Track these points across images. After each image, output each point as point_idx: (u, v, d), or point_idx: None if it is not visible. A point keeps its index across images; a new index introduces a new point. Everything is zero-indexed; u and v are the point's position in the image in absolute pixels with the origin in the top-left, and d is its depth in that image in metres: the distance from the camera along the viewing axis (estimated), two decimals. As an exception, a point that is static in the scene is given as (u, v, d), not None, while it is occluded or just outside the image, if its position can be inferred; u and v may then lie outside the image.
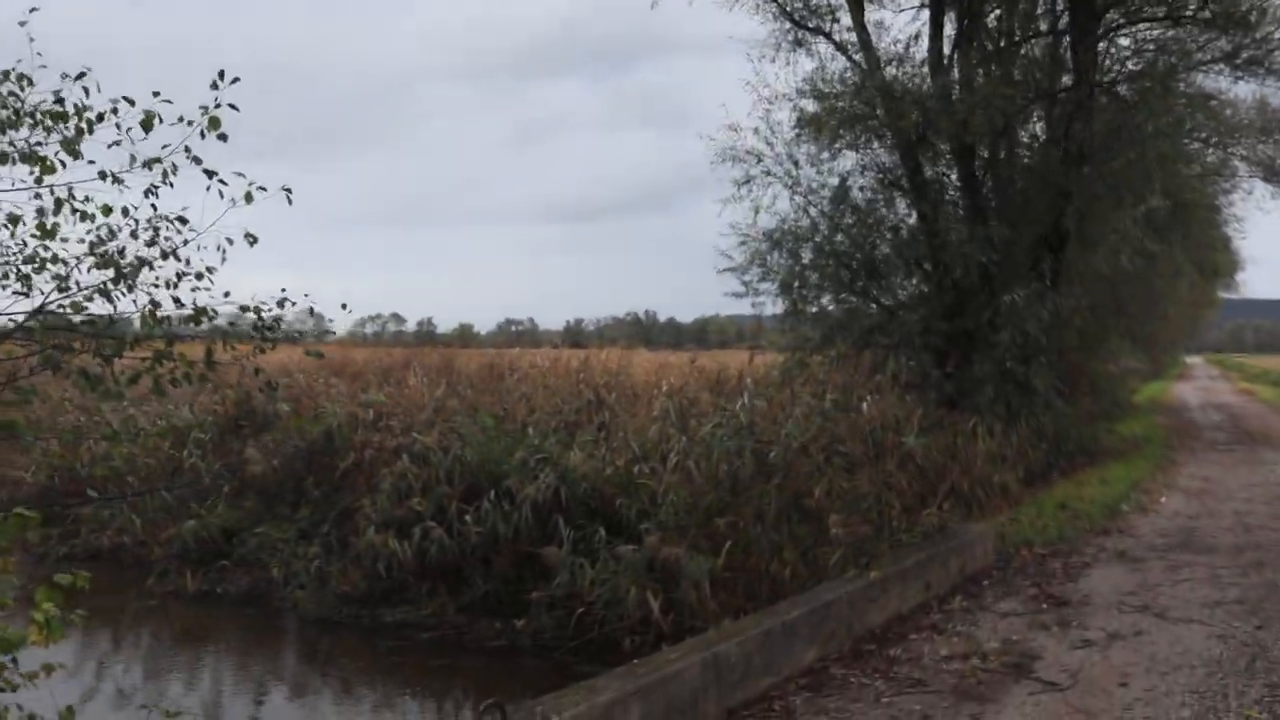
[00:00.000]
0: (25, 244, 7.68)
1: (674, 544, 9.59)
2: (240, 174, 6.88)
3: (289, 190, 7.24)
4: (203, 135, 6.83)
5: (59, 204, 7.21)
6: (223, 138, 6.84)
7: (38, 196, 7.03)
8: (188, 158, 6.91)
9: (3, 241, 7.79)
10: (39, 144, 6.79)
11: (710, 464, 10.42)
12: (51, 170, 6.92)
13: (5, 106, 6.60)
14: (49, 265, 7.23)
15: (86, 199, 7.23)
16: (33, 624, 4.79)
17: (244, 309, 7.29)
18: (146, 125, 6.74)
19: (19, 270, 7.56)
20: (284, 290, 7.49)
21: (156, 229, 7.36)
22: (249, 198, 7.09)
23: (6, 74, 6.45)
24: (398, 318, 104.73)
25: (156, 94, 6.83)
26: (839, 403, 11.98)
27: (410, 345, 38.13)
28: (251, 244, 7.47)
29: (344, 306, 7.43)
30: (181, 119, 6.66)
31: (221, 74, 6.65)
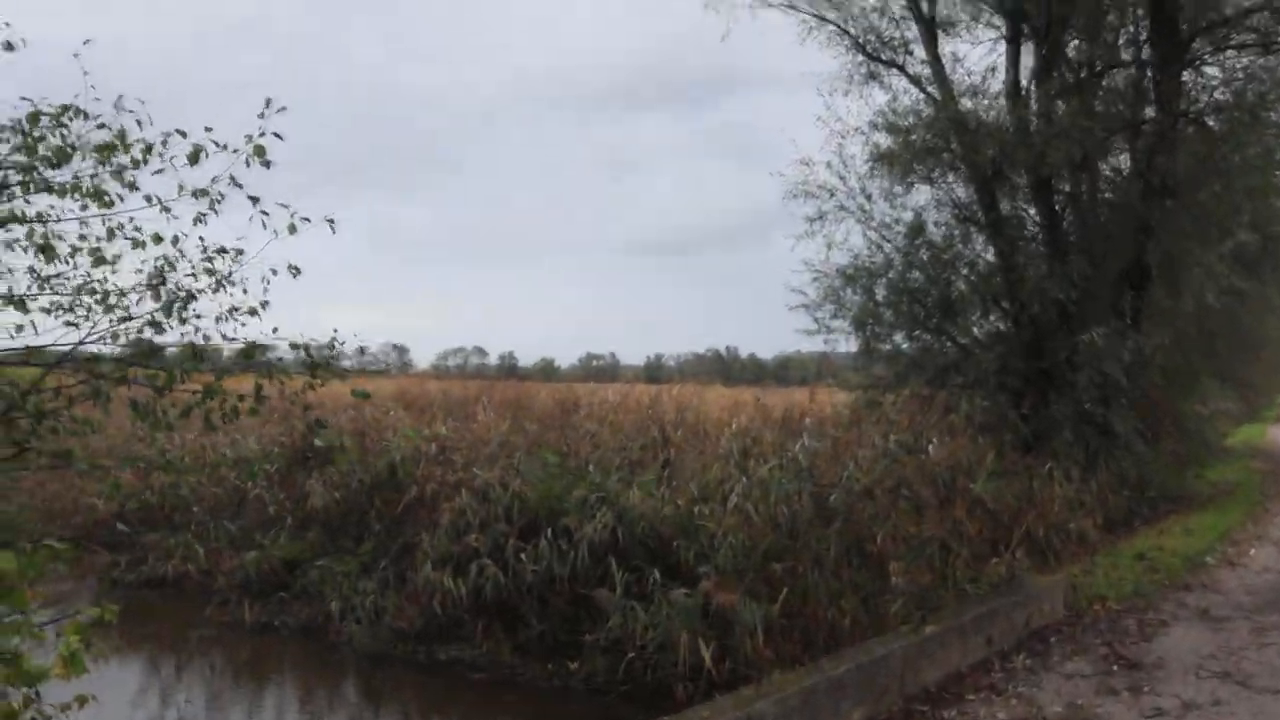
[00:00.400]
0: (82, 273, 7.78)
1: (729, 589, 9.30)
2: (284, 205, 6.88)
3: (332, 221, 7.21)
4: (248, 163, 6.84)
5: (111, 233, 7.27)
6: (266, 164, 6.83)
7: (84, 225, 7.09)
8: (233, 186, 6.90)
9: (60, 272, 7.89)
10: (93, 175, 6.84)
11: (768, 506, 10.14)
12: (110, 204, 6.98)
13: (61, 139, 6.64)
14: (102, 296, 7.28)
15: (137, 228, 7.28)
16: (58, 657, 4.72)
17: (294, 346, 7.26)
18: (193, 158, 6.78)
19: (71, 300, 7.62)
20: (335, 330, 7.49)
21: (211, 259, 7.38)
22: (292, 229, 7.07)
23: (65, 109, 6.50)
24: (480, 351, 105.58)
25: (209, 129, 6.83)
26: (905, 444, 11.62)
27: (491, 379, 38.50)
28: (295, 275, 7.45)
29: (390, 344, 7.42)
30: (232, 149, 6.69)
31: (268, 102, 6.66)
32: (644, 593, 10.15)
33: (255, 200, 6.92)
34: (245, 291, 7.48)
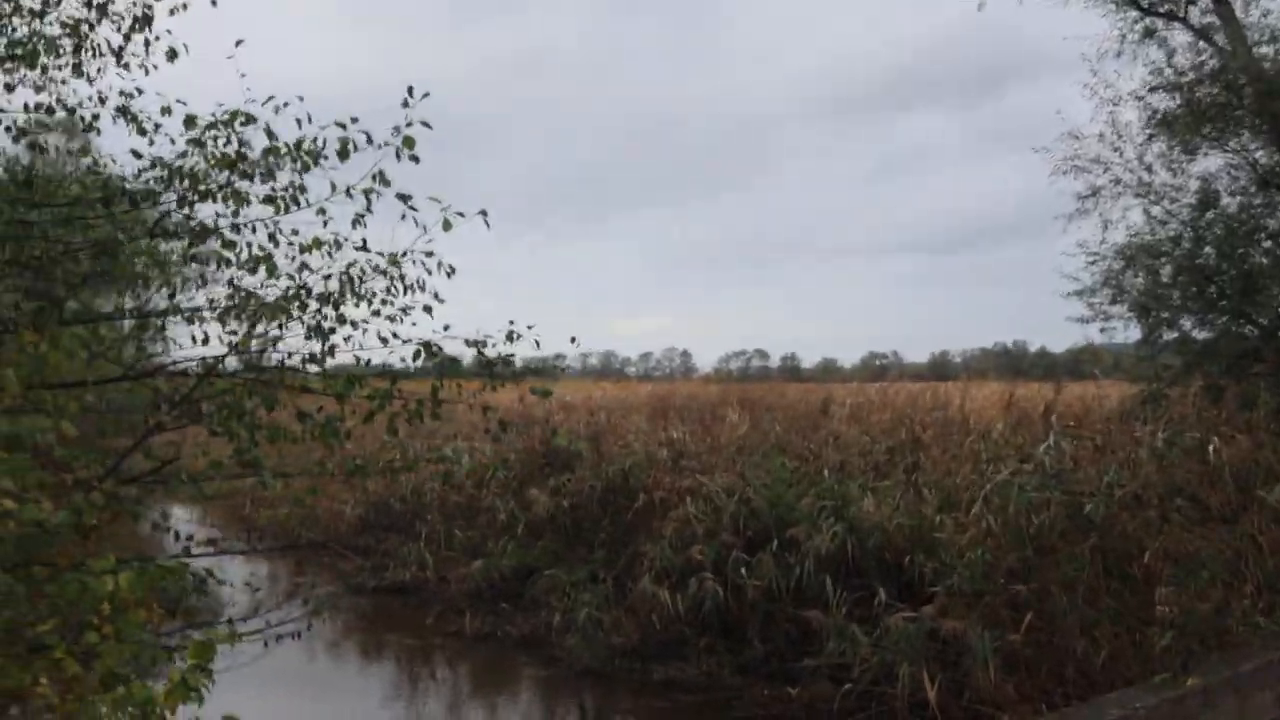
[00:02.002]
0: (250, 280, 7.63)
1: (960, 613, 8.11)
2: (435, 199, 6.44)
3: (484, 213, 6.72)
4: (398, 156, 6.45)
5: (272, 238, 7.05)
6: (415, 159, 6.40)
7: (235, 230, 6.88)
8: (381, 184, 6.56)
9: (231, 278, 7.77)
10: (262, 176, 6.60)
11: (1010, 517, 8.84)
12: (285, 209, 6.76)
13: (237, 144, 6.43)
14: (279, 302, 7.09)
15: (294, 231, 7.05)
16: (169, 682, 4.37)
17: (469, 343, 6.75)
18: (342, 154, 6.43)
19: (237, 307, 7.47)
20: (511, 322, 6.90)
21: (396, 262, 7.08)
22: (446, 225, 6.63)
23: (234, 115, 6.28)
24: (761, 354, 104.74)
25: (355, 120, 6.47)
26: (1184, 443, 9.93)
27: (773, 380, 37.95)
28: (449, 275, 7.02)
29: (573, 340, 6.92)
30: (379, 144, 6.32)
31: (411, 90, 6.23)
32: (868, 614, 9.12)
33: (406, 198, 6.53)
34: (436, 296, 7.18)
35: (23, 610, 4.51)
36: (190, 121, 6.08)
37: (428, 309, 7.06)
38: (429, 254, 7.13)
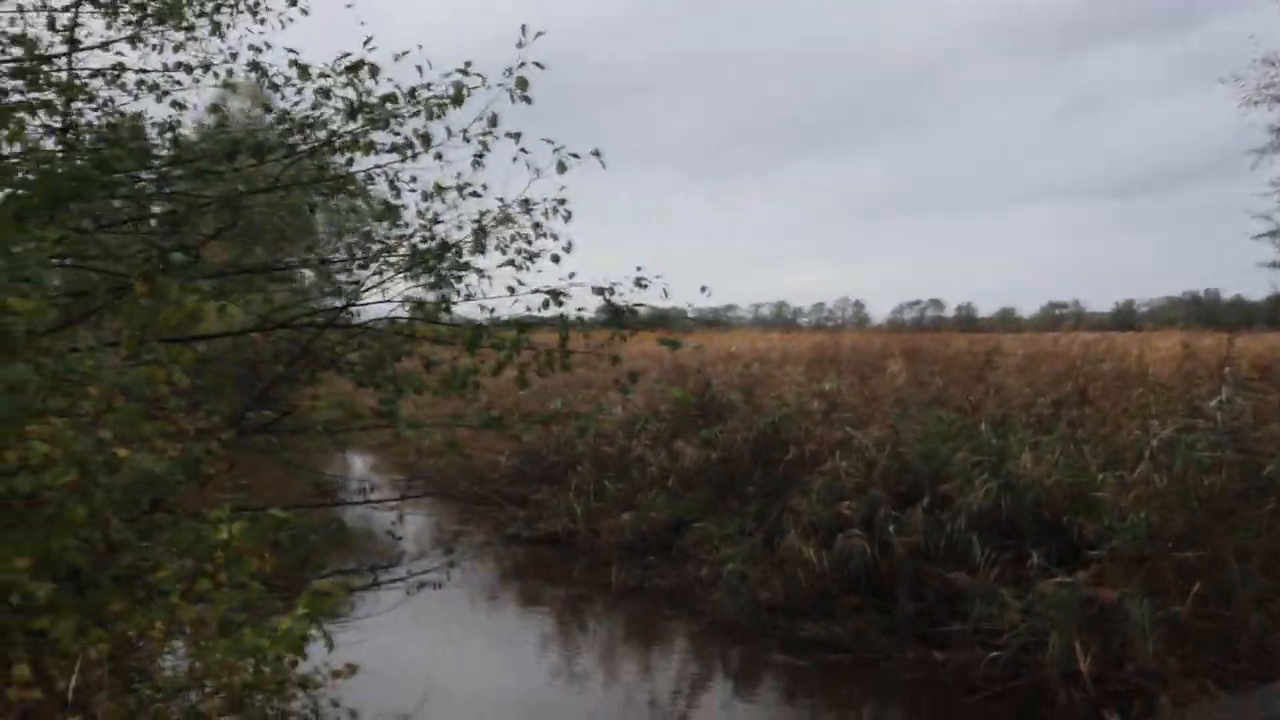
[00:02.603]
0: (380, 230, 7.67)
1: (1118, 580, 7.57)
2: (548, 140, 6.33)
3: (598, 153, 6.57)
4: (512, 99, 6.35)
5: (393, 186, 7.09)
6: (527, 100, 6.30)
7: (368, 179, 6.90)
8: (490, 127, 6.49)
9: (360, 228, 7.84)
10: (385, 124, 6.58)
11: (1177, 476, 8.19)
12: (413, 157, 6.78)
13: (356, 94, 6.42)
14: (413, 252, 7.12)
15: (413, 177, 7.06)
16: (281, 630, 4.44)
17: (597, 290, 6.62)
18: (457, 99, 6.36)
19: (366, 257, 7.50)
20: (639, 269, 6.71)
21: (531, 208, 7.06)
22: (561, 168, 6.53)
23: (359, 64, 6.26)
24: (937, 303, 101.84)
25: (468, 64, 6.39)
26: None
27: (948, 331, 36.70)
28: (566, 219, 6.95)
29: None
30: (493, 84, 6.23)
31: (524, 28, 6.11)
32: (1021, 576, 8.64)
33: (517, 136, 6.40)
34: (568, 247, 7.12)
35: (143, 556, 4.60)
36: (304, 72, 6.07)
37: (555, 258, 6.97)
38: (562, 201, 7.05)
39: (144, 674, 4.58)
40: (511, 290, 6.56)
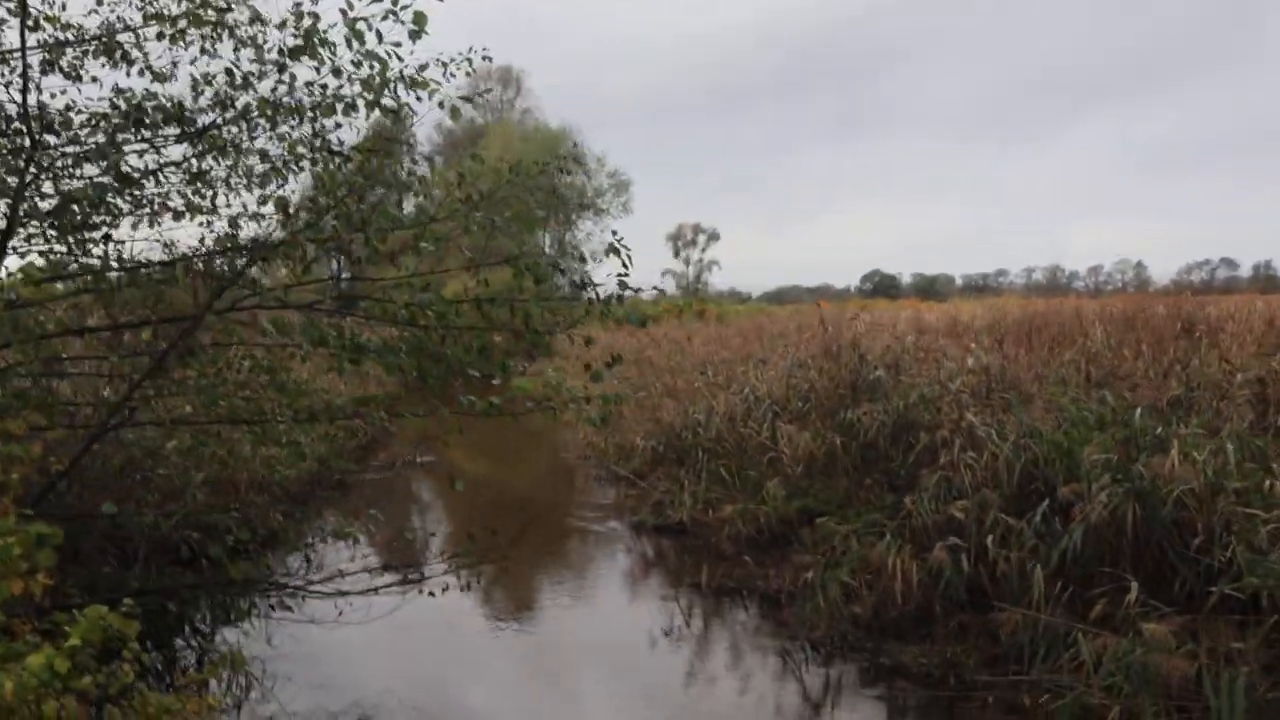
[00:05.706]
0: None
1: (1219, 637, 5.80)
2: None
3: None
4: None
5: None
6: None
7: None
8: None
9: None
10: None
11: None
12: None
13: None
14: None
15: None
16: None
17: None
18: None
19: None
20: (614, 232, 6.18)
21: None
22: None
23: None
24: (1229, 263, 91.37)
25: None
26: None
27: (1243, 292, 33.14)
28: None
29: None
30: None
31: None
32: (1120, 615, 6.94)
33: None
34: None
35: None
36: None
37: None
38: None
39: None
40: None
